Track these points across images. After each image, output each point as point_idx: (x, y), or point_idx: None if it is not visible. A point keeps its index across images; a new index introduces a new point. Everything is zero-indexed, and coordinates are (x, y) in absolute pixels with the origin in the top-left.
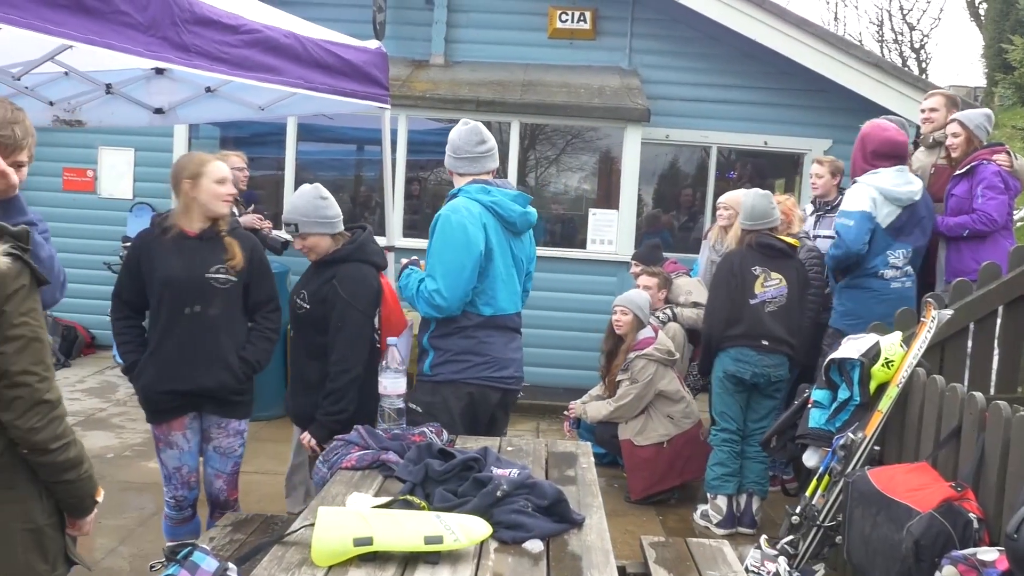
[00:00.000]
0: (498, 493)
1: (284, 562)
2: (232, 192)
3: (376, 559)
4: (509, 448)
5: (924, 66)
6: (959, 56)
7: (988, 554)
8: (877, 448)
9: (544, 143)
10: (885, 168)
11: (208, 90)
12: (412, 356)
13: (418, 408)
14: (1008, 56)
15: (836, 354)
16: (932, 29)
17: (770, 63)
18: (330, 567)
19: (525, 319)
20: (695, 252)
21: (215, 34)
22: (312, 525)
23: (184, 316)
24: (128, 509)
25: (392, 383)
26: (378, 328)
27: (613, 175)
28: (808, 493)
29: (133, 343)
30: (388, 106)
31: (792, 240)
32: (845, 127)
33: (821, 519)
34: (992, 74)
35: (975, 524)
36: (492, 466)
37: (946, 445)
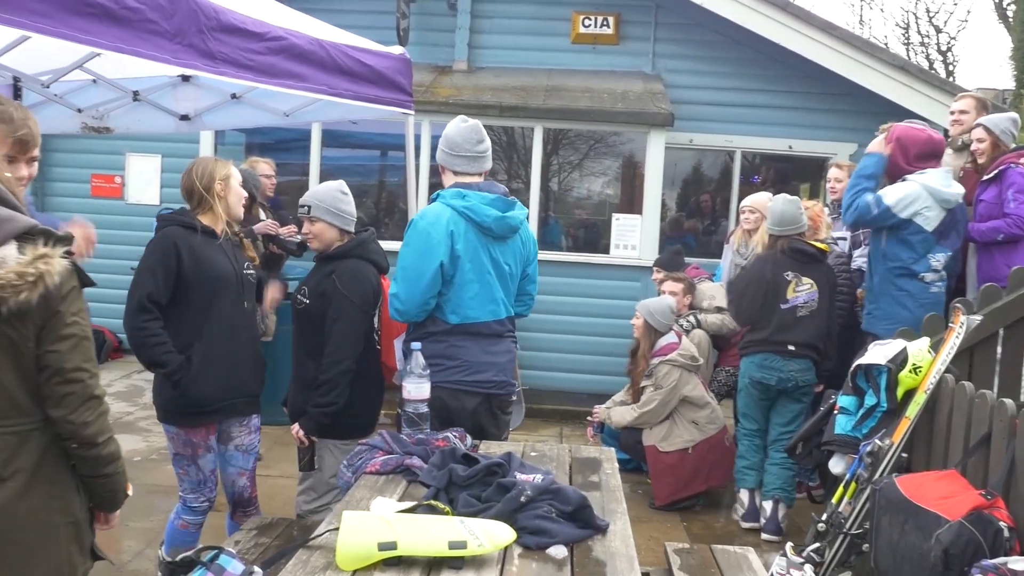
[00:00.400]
0: (522, 498)
1: (309, 566)
2: (245, 196)
3: (400, 563)
4: (533, 453)
5: (951, 69)
6: (987, 58)
7: (1019, 563)
8: (905, 455)
9: (567, 148)
10: (931, 169)
11: (234, 97)
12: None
13: (406, 411)
14: None
15: (863, 360)
16: (959, 31)
17: (795, 67)
18: (355, 571)
19: (547, 324)
20: (717, 257)
21: (241, 41)
22: (337, 529)
23: (234, 312)
24: (155, 512)
25: (416, 388)
26: (378, 328)
27: (636, 180)
28: (834, 500)
29: (169, 343)
30: (412, 112)
31: (822, 245)
32: (871, 131)
33: (848, 526)
34: (1021, 76)
35: (1006, 533)
36: (516, 471)
37: (975, 452)
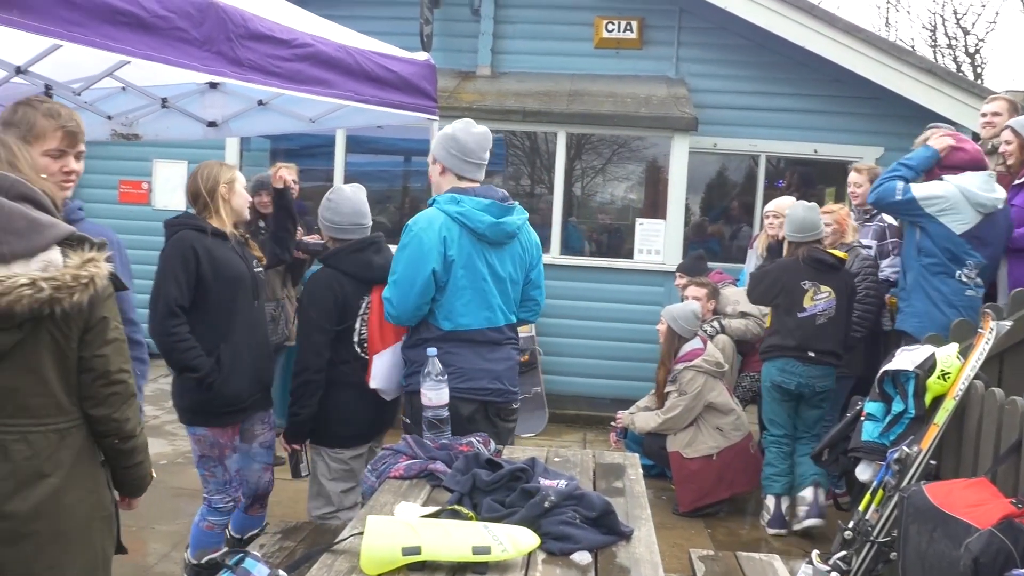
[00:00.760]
0: (546, 504)
1: (333, 570)
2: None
3: (424, 568)
4: (556, 459)
5: (979, 71)
6: (1016, 61)
7: None
8: (933, 462)
9: (590, 153)
10: (971, 172)
11: (260, 103)
12: None
13: (405, 419)
14: None
15: (890, 366)
16: (987, 33)
17: (820, 70)
18: None
19: (570, 329)
20: (741, 262)
21: (268, 48)
22: (361, 534)
23: (253, 311)
24: (181, 515)
25: (435, 393)
26: (362, 340)
27: (660, 184)
28: (861, 508)
29: (198, 347)
30: (436, 117)
31: (840, 253)
32: (897, 135)
33: (875, 534)
34: None
35: None
36: (540, 477)
37: (1006, 460)
